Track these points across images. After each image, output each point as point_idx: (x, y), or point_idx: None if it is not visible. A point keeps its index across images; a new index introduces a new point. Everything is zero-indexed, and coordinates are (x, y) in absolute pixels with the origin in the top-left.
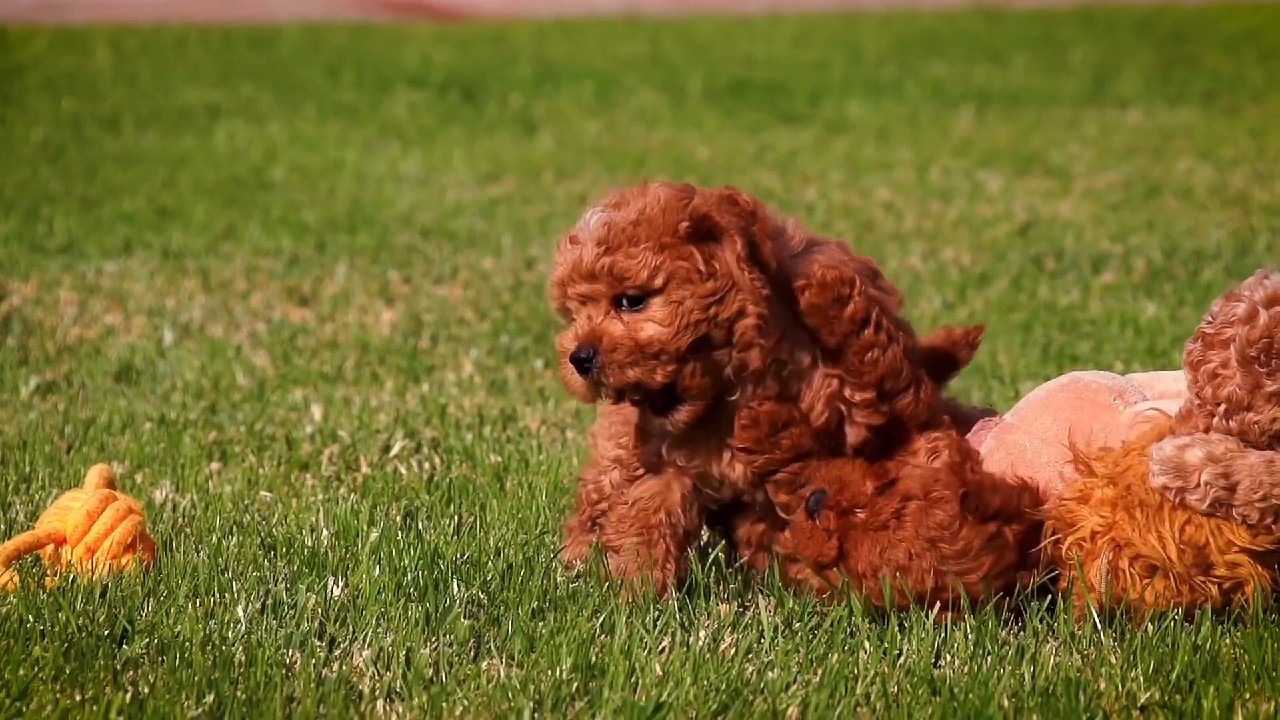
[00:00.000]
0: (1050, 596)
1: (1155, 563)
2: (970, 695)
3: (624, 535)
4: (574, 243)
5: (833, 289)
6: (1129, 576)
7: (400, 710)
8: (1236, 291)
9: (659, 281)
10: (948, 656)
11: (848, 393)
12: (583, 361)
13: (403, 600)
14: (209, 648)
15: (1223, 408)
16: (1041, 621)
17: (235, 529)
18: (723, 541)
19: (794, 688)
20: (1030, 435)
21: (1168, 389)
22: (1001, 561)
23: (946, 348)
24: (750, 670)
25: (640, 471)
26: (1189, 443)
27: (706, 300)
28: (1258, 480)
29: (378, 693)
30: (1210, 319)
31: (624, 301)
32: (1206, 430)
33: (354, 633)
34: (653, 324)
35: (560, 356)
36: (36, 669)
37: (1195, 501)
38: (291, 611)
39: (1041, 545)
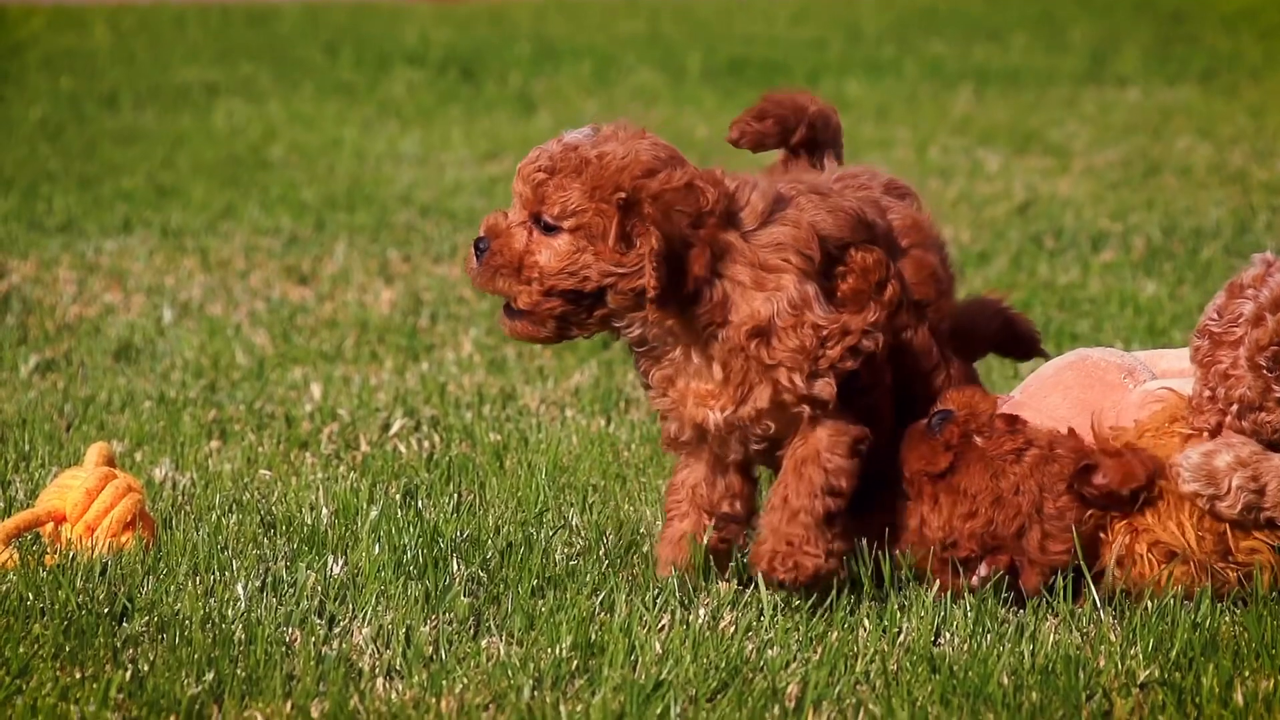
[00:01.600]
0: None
1: (1175, 549)
2: (970, 673)
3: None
4: (555, 143)
5: (875, 273)
6: (1146, 562)
7: (400, 688)
8: (1239, 284)
9: (569, 224)
10: (947, 634)
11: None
12: (478, 247)
13: (402, 578)
14: (209, 625)
15: (1235, 408)
16: (1041, 599)
17: (235, 507)
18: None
19: (794, 665)
20: (1039, 413)
21: (1170, 367)
22: (1072, 550)
23: (1000, 326)
24: (750, 648)
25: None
26: (1215, 448)
27: (608, 269)
28: None
29: (377, 670)
30: (1216, 316)
31: (541, 221)
32: (1219, 426)
33: (354, 611)
34: (549, 252)
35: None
36: (36, 647)
37: (1226, 508)
38: (291, 589)
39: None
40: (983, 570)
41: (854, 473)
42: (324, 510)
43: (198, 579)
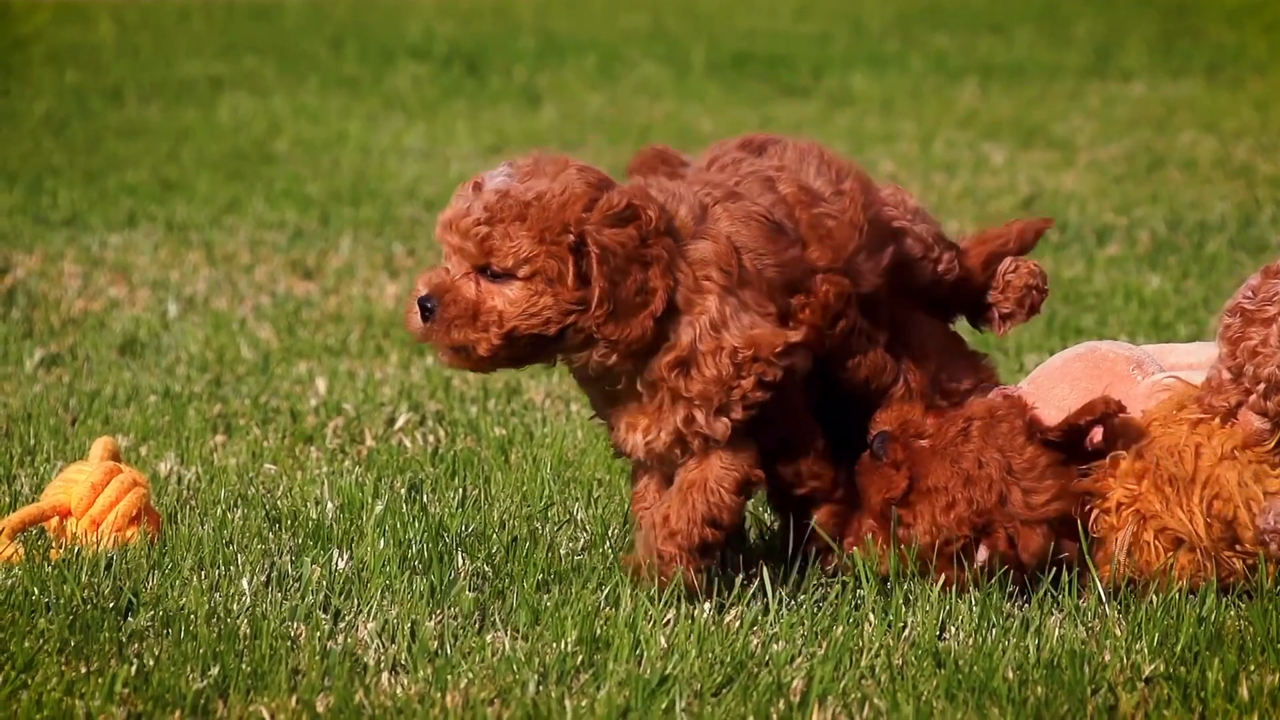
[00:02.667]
0: (1054, 569)
1: (1182, 536)
2: (975, 667)
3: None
4: (476, 190)
5: (832, 309)
6: (1153, 549)
7: (405, 682)
8: (1275, 267)
9: (524, 272)
10: (952, 629)
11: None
12: (424, 307)
13: (407, 573)
14: (214, 620)
15: (1262, 386)
16: (1046, 594)
17: (240, 501)
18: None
19: (799, 660)
20: (1047, 403)
21: (1179, 361)
22: (1065, 493)
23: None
24: (755, 642)
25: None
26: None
27: (568, 308)
28: None
29: (383, 665)
30: (1250, 294)
31: (489, 272)
32: (1238, 406)
33: (359, 605)
34: (504, 299)
35: (411, 293)
36: (42, 641)
37: None
38: (296, 584)
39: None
40: (981, 554)
41: (738, 510)
42: (329, 505)
43: (203, 573)
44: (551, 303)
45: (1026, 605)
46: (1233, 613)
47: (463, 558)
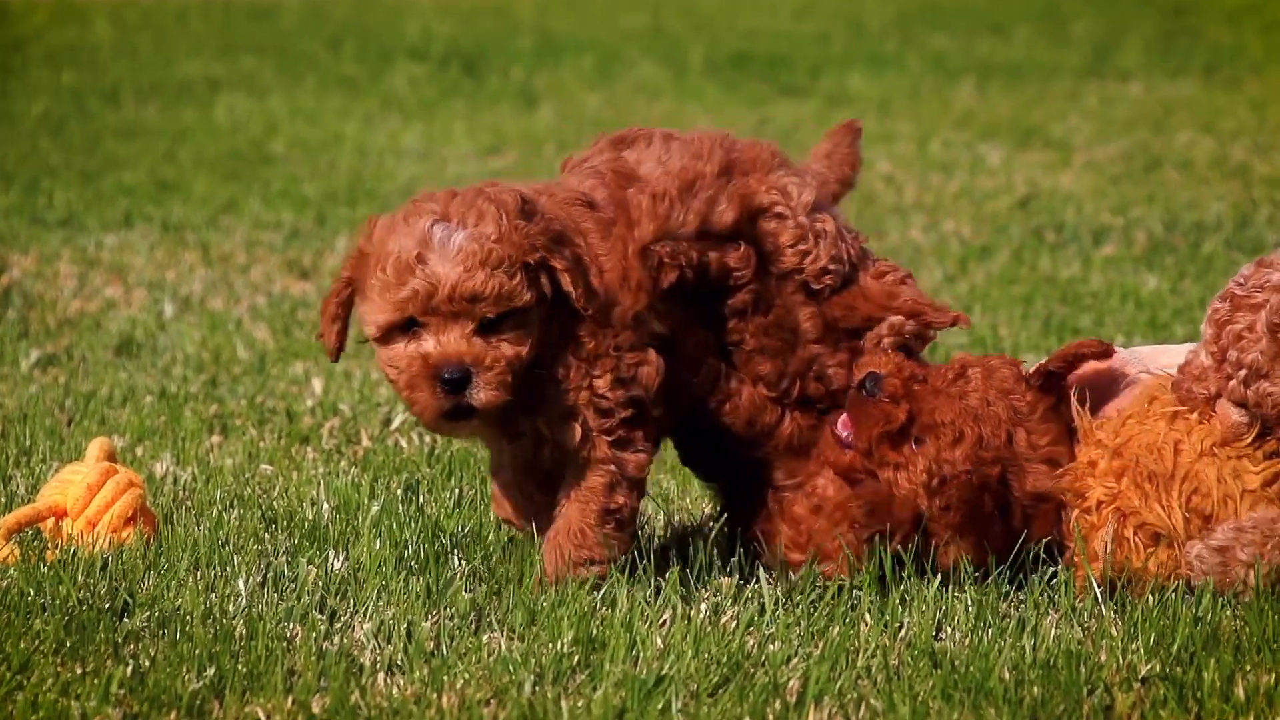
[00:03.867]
0: (1052, 570)
1: (1160, 531)
2: (971, 668)
3: None
4: (422, 261)
5: (636, 276)
6: (1133, 545)
7: (401, 683)
8: (1271, 259)
9: (520, 302)
10: (948, 629)
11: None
12: (457, 382)
13: (404, 573)
14: (210, 621)
15: (1243, 373)
16: (1042, 594)
17: (236, 502)
18: (725, 516)
19: (795, 660)
20: None
21: (1173, 361)
22: (1064, 437)
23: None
24: (751, 643)
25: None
26: (1226, 545)
27: (541, 323)
28: None
29: (379, 665)
30: (1242, 280)
31: (484, 322)
32: (1218, 394)
33: (355, 606)
34: (507, 344)
35: (413, 375)
36: (37, 642)
37: (1247, 595)
38: (292, 585)
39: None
40: (950, 555)
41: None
42: (325, 505)
43: (199, 574)
44: (537, 323)
45: (1023, 605)
46: (1229, 613)
47: (459, 558)
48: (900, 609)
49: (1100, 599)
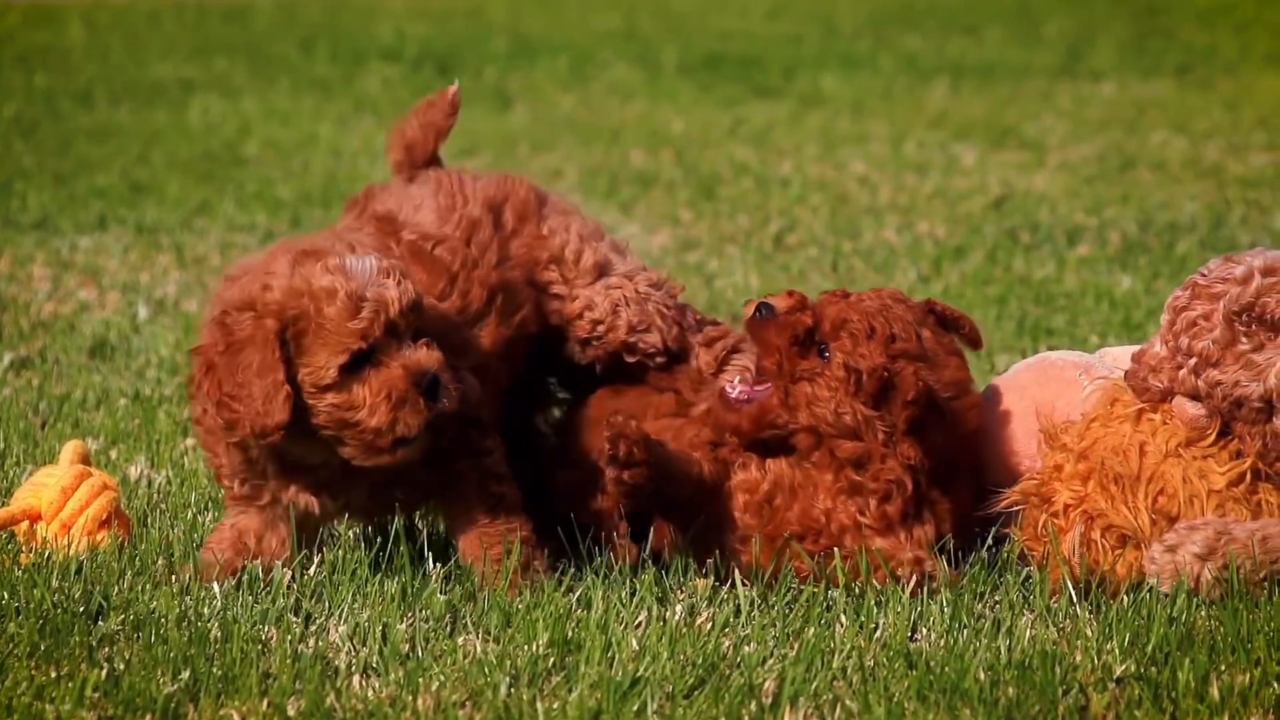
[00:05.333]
0: (1026, 570)
1: (1127, 533)
2: (946, 668)
3: None
4: (363, 288)
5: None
6: (1101, 548)
7: (376, 685)
8: (1237, 256)
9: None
10: (924, 630)
11: None
12: (433, 390)
13: (379, 575)
14: (185, 624)
15: (1193, 361)
16: (1018, 594)
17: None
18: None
19: (770, 661)
20: (998, 414)
21: None
22: (965, 367)
23: None
24: (726, 644)
25: None
26: (1177, 543)
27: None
28: (1257, 561)
29: (354, 668)
30: (1206, 272)
31: (421, 335)
32: (1171, 384)
33: (330, 608)
34: (429, 351)
35: (400, 394)
36: (11, 646)
37: (1204, 594)
38: (267, 588)
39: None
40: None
41: None
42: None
43: (173, 577)
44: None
45: (998, 606)
46: (1203, 613)
47: (434, 560)
48: (875, 610)
49: (1075, 599)
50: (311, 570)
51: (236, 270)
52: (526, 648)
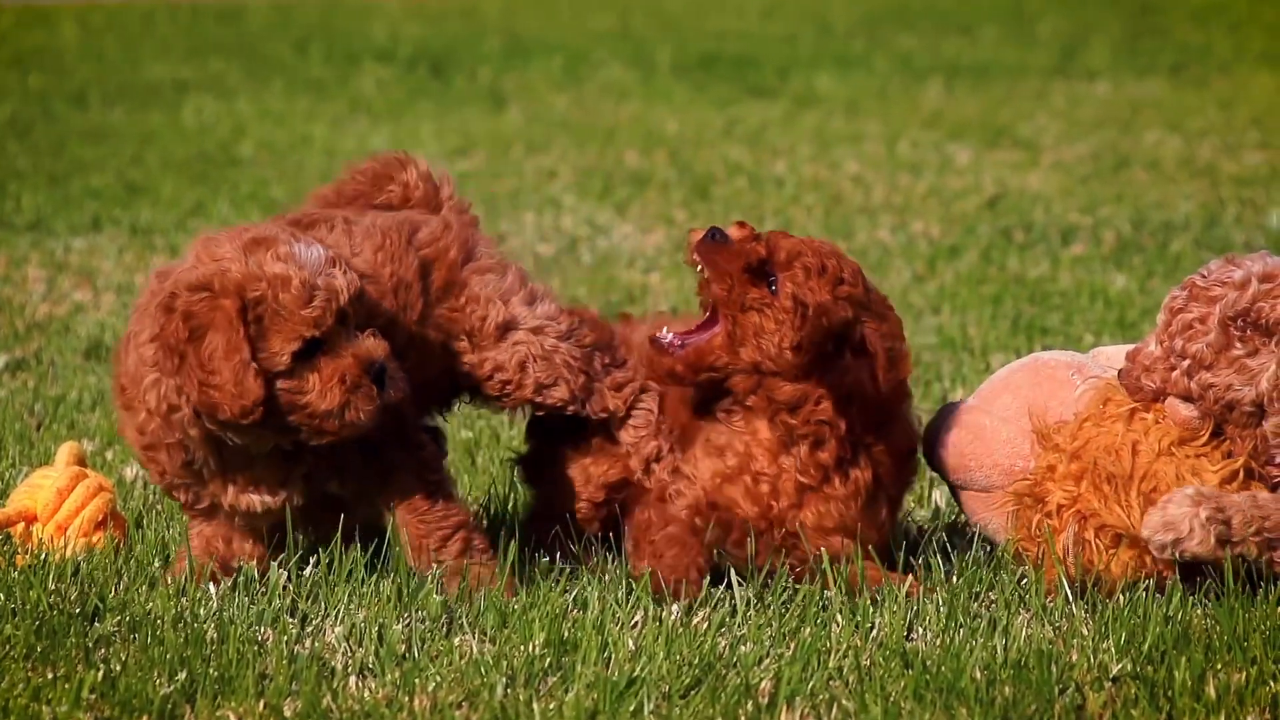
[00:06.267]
0: (1022, 570)
1: (1120, 531)
2: (943, 668)
3: None
4: (315, 276)
5: None
6: (1095, 548)
7: (373, 686)
8: (1237, 259)
9: (382, 310)
10: (920, 629)
11: None
12: (381, 377)
13: (375, 576)
14: (181, 625)
15: (1186, 363)
16: (1013, 593)
17: None
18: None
19: (767, 661)
20: (990, 415)
21: None
22: (900, 322)
23: None
24: (723, 644)
25: None
26: (1168, 498)
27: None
28: (1248, 515)
29: (350, 669)
30: (1205, 273)
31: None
32: (1164, 385)
33: (326, 609)
34: (376, 341)
35: (353, 380)
36: (8, 647)
37: (1199, 548)
38: (263, 589)
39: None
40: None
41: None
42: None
43: (169, 578)
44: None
45: (993, 605)
46: (1199, 611)
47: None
48: (871, 609)
49: (1071, 599)
50: (307, 571)
51: (165, 268)
52: (523, 648)
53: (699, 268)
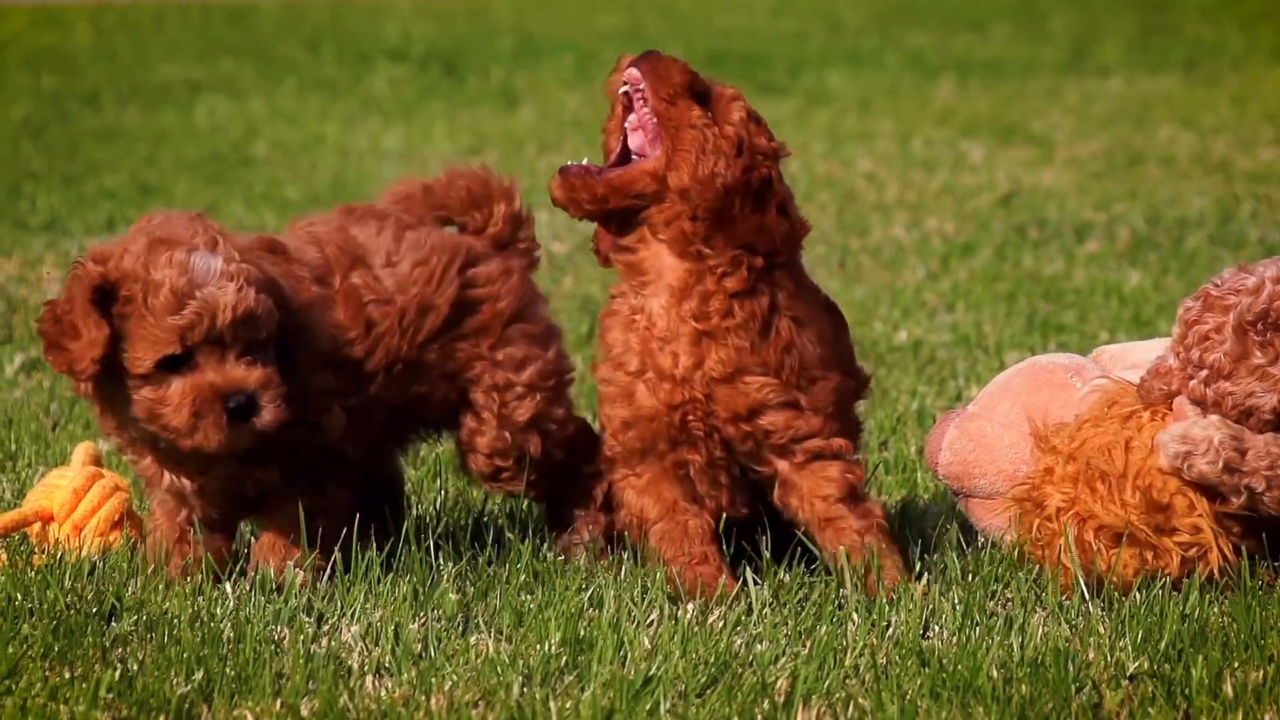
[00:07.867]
0: (1038, 568)
1: (1118, 529)
2: (959, 666)
3: None
4: (196, 286)
5: None
6: (1096, 549)
7: (389, 685)
8: (1252, 265)
9: (275, 324)
10: (936, 628)
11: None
12: (244, 409)
13: (391, 575)
14: (198, 624)
15: (1204, 373)
16: (1029, 592)
17: None
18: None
19: (783, 660)
20: (991, 421)
21: (1140, 359)
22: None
23: None
24: (739, 643)
25: None
26: (1194, 420)
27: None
28: (1266, 449)
29: (367, 668)
30: (1218, 282)
31: (252, 344)
32: (1175, 394)
33: (342, 608)
34: (271, 365)
35: (200, 406)
36: (26, 647)
37: (1207, 466)
38: (279, 588)
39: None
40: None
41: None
42: None
43: (186, 578)
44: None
45: (1010, 603)
46: (1216, 609)
47: (445, 560)
48: (888, 608)
49: (1087, 596)
50: (324, 578)
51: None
52: (539, 647)
53: (626, 88)
